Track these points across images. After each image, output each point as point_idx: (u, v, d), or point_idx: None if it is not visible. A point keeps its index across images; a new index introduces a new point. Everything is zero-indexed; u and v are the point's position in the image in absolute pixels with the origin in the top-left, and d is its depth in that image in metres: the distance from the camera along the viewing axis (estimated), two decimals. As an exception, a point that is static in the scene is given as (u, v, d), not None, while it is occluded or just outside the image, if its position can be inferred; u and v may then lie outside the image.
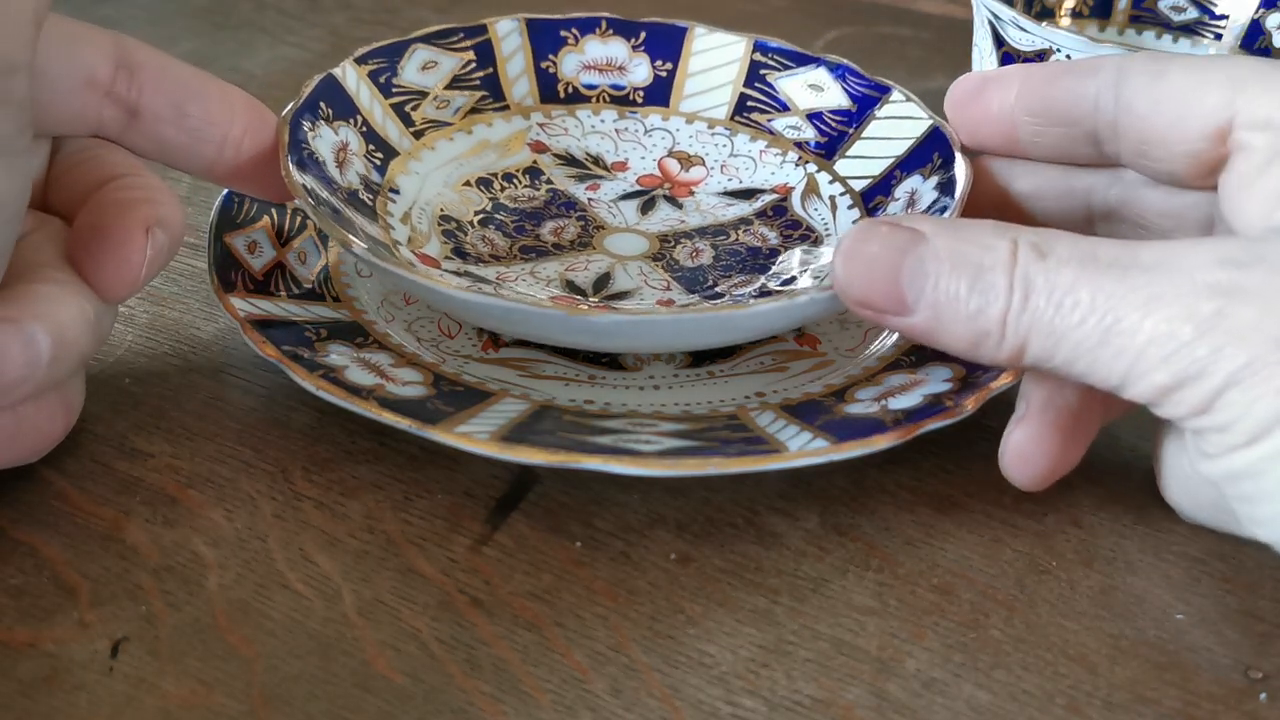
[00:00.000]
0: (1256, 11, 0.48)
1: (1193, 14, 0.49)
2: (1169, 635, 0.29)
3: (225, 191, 0.37)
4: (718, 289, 0.37)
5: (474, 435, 0.29)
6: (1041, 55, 0.42)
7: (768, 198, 0.41)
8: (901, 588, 0.30)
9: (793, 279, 0.37)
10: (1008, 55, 0.43)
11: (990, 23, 0.44)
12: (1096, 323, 0.26)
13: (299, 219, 0.38)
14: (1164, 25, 0.50)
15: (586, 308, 0.34)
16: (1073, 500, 0.33)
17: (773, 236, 0.40)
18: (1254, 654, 0.29)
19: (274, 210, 0.37)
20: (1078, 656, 0.29)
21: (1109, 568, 0.31)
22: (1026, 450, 0.31)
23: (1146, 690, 0.28)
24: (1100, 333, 0.26)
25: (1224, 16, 0.49)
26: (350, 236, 0.32)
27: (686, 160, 0.43)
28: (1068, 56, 0.41)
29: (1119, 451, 0.34)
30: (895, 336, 0.36)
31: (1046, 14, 0.49)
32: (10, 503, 0.31)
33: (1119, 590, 0.30)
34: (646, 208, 0.41)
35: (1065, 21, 0.50)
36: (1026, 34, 0.42)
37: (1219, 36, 0.49)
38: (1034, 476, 0.31)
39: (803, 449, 0.30)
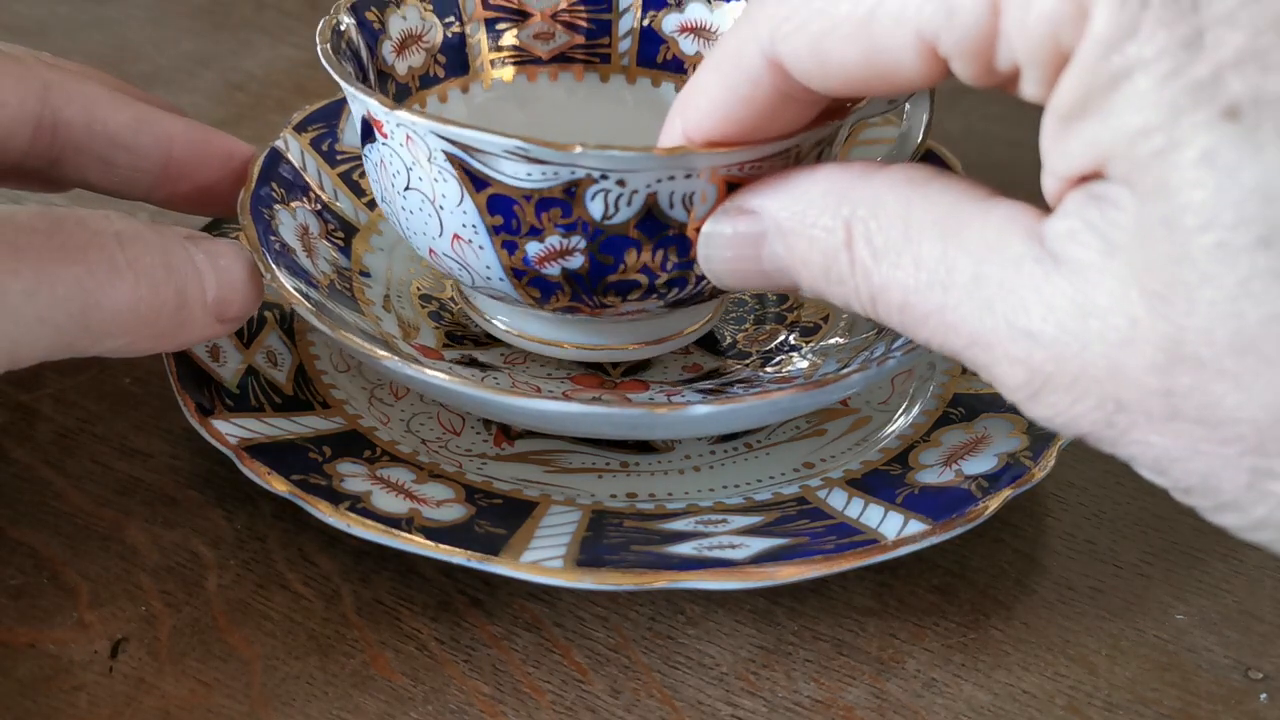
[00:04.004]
0: None
1: None
2: (1169, 635, 0.29)
3: None
4: (740, 346, 0.35)
5: (546, 565, 0.27)
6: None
7: None
8: (901, 588, 0.30)
9: (816, 328, 0.35)
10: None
11: None
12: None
13: (258, 310, 0.33)
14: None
15: (670, 403, 0.30)
16: (1073, 501, 0.33)
17: None
18: (1254, 654, 0.29)
19: None
20: (1078, 656, 0.29)
21: (1109, 567, 0.31)
22: None
23: (1146, 690, 0.28)
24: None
25: None
26: (376, 350, 0.28)
27: None
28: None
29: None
30: (932, 386, 0.34)
31: None
32: (10, 503, 0.31)
33: (1119, 590, 0.30)
34: None
35: None
36: None
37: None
38: None
39: (902, 535, 0.28)
